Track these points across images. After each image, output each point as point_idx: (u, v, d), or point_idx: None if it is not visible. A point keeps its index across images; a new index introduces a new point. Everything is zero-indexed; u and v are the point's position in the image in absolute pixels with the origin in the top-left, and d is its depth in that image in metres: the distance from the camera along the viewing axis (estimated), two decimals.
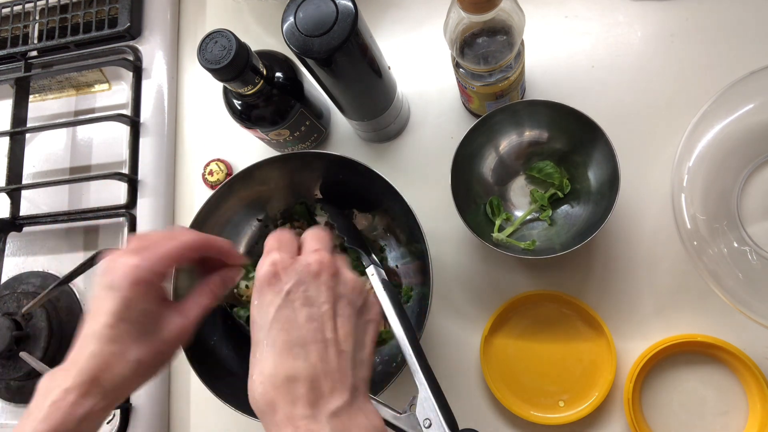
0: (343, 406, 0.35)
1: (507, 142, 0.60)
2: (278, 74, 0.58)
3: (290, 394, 0.35)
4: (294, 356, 0.36)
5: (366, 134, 0.65)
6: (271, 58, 0.58)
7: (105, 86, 0.79)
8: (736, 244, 0.54)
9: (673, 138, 0.56)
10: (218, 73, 0.51)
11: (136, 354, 0.40)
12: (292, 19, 0.46)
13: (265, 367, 0.36)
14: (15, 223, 0.74)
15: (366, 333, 0.40)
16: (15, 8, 0.80)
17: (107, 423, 0.66)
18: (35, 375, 0.68)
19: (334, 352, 0.37)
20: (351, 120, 0.62)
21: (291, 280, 0.38)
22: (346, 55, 0.47)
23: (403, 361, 0.48)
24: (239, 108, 0.59)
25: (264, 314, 0.38)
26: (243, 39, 0.52)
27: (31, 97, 0.78)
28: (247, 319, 0.61)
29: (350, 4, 0.46)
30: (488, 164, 0.61)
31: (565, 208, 0.60)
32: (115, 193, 0.72)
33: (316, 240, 0.41)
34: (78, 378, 0.38)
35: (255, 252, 0.64)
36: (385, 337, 0.59)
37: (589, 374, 0.56)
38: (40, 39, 0.78)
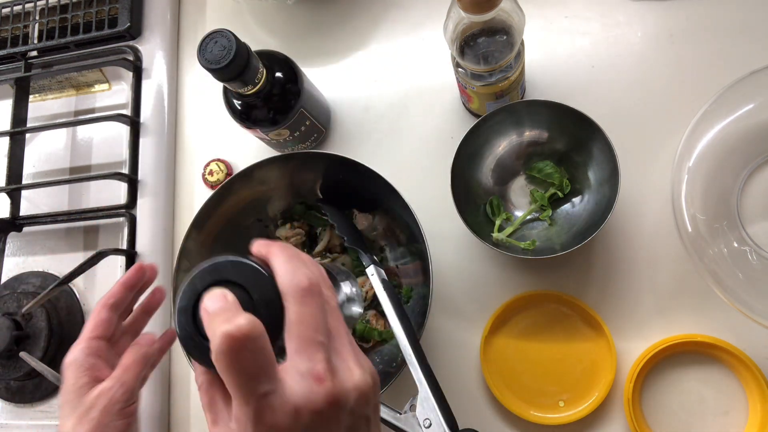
0: None
1: (507, 142, 0.60)
2: (278, 74, 0.58)
3: None
4: None
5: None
6: (271, 58, 0.58)
7: (105, 86, 0.79)
8: (736, 244, 0.54)
9: (673, 138, 0.56)
10: (218, 73, 0.51)
11: None
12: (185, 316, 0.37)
13: None
14: (15, 223, 0.74)
15: None
16: (15, 8, 0.80)
17: None
18: (35, 375, 0.68)
19: None
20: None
21: None
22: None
23: (403, 361, 0.48)
24: (239, 108, 0.59)
25: None
26: (243, 39, 0.52)
27: (31, 97, 0.78)
28: None
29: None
30: (488, 164, 0.61)
31: (565, 208, 0.60)
32: (115, 193, 0.72)
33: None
34: None
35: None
36: (385, 337, 0.59)
37: (589, 374, 0.56)
38: (40, 39, 0.78)
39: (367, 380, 0.30)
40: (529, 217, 0.60)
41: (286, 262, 0.30)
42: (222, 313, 0.27)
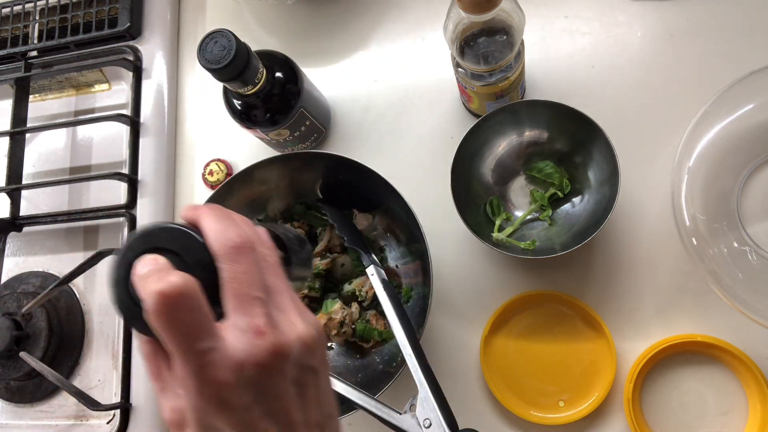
0: None
1: (507, 142, 0.60)
2: (278, 74, 0.58)
3: None
4: None
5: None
6: (271, 58, 0.58)
7: (105, 86, 0.79)
8: (736, 244, 0.54)
9: (673, 138, 0.56)
10: (218, 73, 0.51)
11: None
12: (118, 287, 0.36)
13: None
14: (15, 223, 0.74)
15: (327, 383, 0.33)
16: (15, 8, 0.80)
17: (107, 423, 0.66)
18: (35, 375, 0.68)
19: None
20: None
21: (245, 394, 0.27)
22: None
23: (403, 361, 0.48)
24: (239, 108, 0.59)
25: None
26: (243, 39, 0.52)
27: (31, 97, 0.78)
28: None
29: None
30: (488, 164, 0.61)
31: (565, 208, 0.60)
32: (115, 193, 0.72)
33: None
34: None
35: None
36: (385, 336, 0.59)
37: (589, 374, 0.56)
38: (40, 39, 0.78)
39: (311, 332, 0.30)
40: (529, 217, 0.60)
41: (215, 222, 0.29)
42: (153, 275, 0.26)
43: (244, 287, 0.28)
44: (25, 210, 0.75)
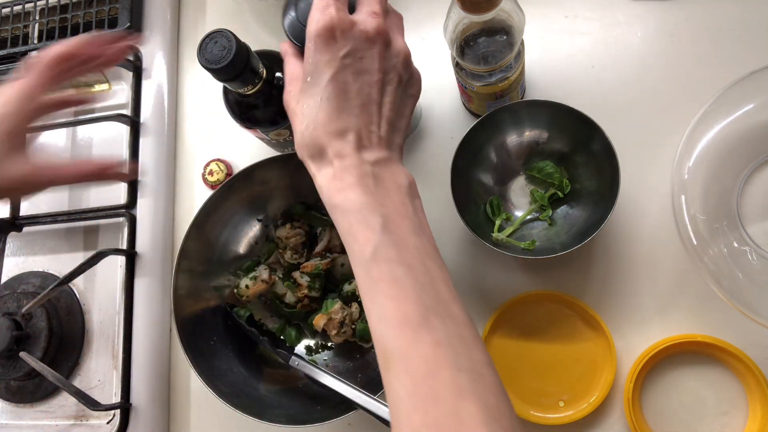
0: (382, 159, 0.41)
1: (507, 142, 0.60)
2: (278, 74, 0.58)
3: (341, 140, 0.40)
4: (347, 113, 0.40)
5: None
6: (271, 58, 0.58)
7: (105, 86, 0.79)
8: (736, 244, 0.54)
9: (673, 138, 0.56)
10: (218, 73, 0.51)
11: None
12: (293, 12, 0.46)
13: (320, 117, 0.40)
14: (15, 223, 0.74)
15: (406, 105, 0.43)
16: (15, 8, 0.80)
17: (107, 423, 0.66)
18: (35, 375, 0.68)
19: (379, 116, 0.41)
20: None
21: (348, 45, 0.40)
22: None
23: None
24: (239, 108, 0.59)
25: (320, 72, 0.40)
26: (243, 39, 0.52)
27: None
28: (248, 318, 0.61)
29: None
30: (488, 164, 0.61)
31: (565, 208, 0.60)
32: (115, 193, 0.72)
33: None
34: None
35: (255, 252, 0.64)
36: None
37: (589, 374, 0.56)
38: (40, 39, 0.78)
39: (409, 54, 0.43)
40: (529, 217, 0.60)
41: None
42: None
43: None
44: (25, 210, 0.75)
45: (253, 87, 0.54)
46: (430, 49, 0.67)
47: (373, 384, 0.54)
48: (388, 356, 0.35)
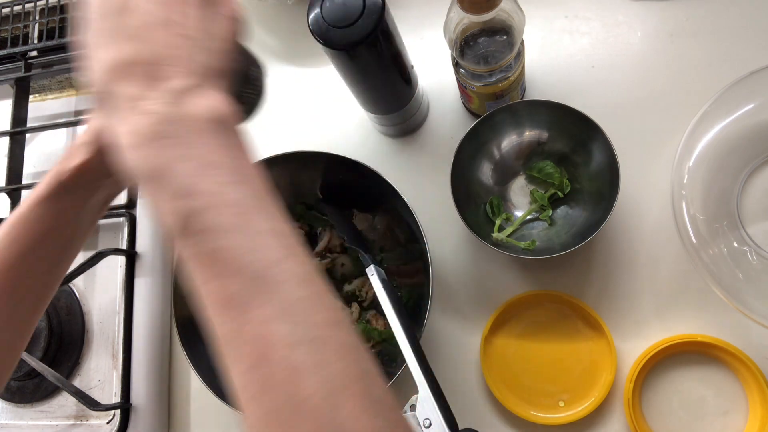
0: (186, 87, 0.32)
1: (507, 142, 0.60)
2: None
3: (128, 75, 0.31)
4: (137, 40, 0.32)
5: (383, 128, 0.65)
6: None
7: None
8: (736, 244, 0.54)
9: (673, 138, 0.56)
10: None
11: None
12: (318, 8, 0.46)
13: (102, 54, 0.32)
14: None
15: (217, 23, 0.36)
16: (15, 8, 0.80)
17: (107, 423, 0.66)
18: (35, 375, 0.68)
19: (178, 36, 0.33)
20: (369, 113, 0.62)
21: None
22: (369, 49, 0.47)
23: (403, 361, 0.48)
24: None
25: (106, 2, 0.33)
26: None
27: (31, 97, 0.78)
28: None
29: None
30: (488, 164, 0.61)
31: (565, 208, 0.60)
32: None
33: None
34: None
35: None
36: (385, 336, 0.59)
37: (589, 374, 0.56)
38: (40, 39, 0.78)
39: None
40: (529, 217, 0.60)
41: None
42: None
43: None
44: None
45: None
46: (430, 49, 0.67)
47: None
48: (221, 346, 0.30)
